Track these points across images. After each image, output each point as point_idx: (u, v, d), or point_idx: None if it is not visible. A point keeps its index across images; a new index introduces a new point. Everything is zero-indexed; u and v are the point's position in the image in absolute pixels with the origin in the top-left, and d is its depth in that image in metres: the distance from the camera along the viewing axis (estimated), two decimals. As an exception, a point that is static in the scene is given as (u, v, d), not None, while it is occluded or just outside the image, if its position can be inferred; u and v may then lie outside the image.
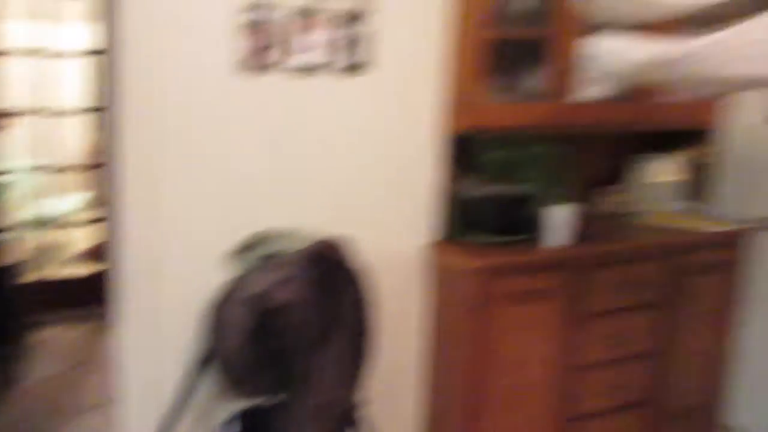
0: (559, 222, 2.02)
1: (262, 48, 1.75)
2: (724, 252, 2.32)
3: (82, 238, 3.77)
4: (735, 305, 2.40)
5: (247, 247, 1.69)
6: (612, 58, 1.31)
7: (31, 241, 3.54)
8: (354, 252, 1.68)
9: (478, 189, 2.02)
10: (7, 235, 3.00)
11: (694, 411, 2.40)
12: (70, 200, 3.74)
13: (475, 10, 1.95)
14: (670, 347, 2.28)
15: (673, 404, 2.34)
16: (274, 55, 1.78)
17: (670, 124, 2.39)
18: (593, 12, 1.63)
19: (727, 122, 2.44)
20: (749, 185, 2.42)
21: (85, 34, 3.48)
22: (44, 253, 3.64)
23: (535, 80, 2.16)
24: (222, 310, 1.55)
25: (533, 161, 2.02)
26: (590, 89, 2.04)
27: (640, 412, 2.27)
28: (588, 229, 2.13)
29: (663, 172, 2.48)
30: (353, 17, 1.85)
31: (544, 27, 2.09)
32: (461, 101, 1.99)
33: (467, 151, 2.07)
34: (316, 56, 1.83)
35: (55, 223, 3.68)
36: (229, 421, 1.71)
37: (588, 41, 1.40)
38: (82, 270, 3.66)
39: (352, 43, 1.87)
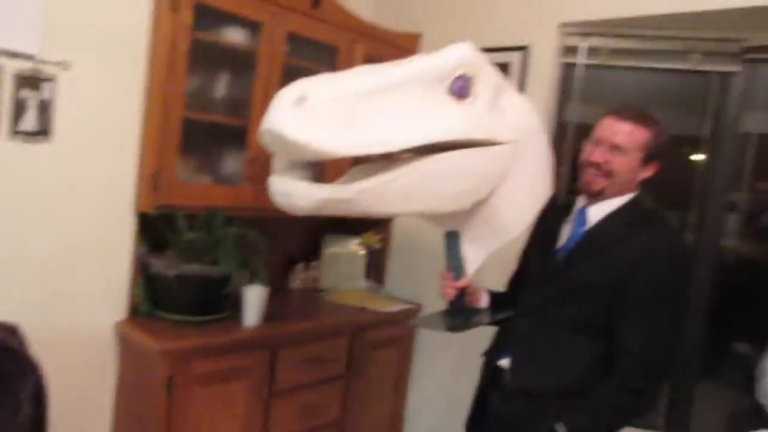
0: (253, 302, 2.09)
1: None
2: (396, 328, 2.65)
3: None
4: (407, 373, 2.75)
5: None
6: (293, 199, 1.35)
7: None
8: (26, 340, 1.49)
9: (174, 268, 1.99)
10: None
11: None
12: None
13: (176, 90, 1.98)
14: (358, 414, 2.49)
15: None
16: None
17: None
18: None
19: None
20: (413, 268, 2.84)
21: None
22: None
23: (234, 164, 2.25)
24: None
25: (228, 242, 2.07)
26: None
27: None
28: (281, 307, 2.24)
29: (348, 252, 2.77)
30: (30, 81, 1.73)
31: (244, 115, 2.21)
32: (157, 178, 1.97)
33: (164, 229, 2.04)
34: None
35: None
36: None
37: (273, 180, 1.42)
38: None
39: (36, 109, 1.74)
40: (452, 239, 1.70)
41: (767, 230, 3.45)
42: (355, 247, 2.79)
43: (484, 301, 1.79)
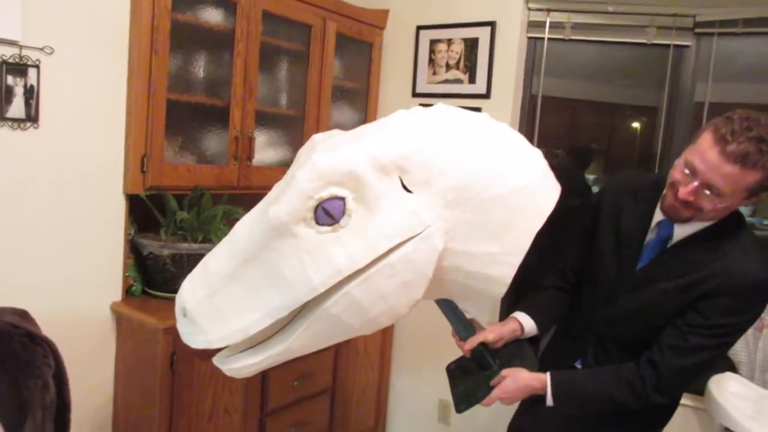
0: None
1: None
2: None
3: None
4: (389, 347, 2.89)
5: None
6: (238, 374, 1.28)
7: None
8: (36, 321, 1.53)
9: (168, 247, 2.03)
10: None
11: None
12: None
13: (160, 72, 2.00)
14: (346, 383, 2.62)
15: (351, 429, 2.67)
16: None
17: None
18: None
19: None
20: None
21: None
22: None
23: (218, 143, 2.29)
24: None
25: (218, 219, 2.12)
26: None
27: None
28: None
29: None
30: (16, 68, 1.73)
31: (224, 95, 2.24)
32: (146, 161, 2.00)
33: (156, 210, 2.08)
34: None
35: None
36: None
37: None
38: None
39: (23, 95, 1.74)
40: (445, 305, 1.52)
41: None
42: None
43: (518, 331, 1.57)
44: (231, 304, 1.17)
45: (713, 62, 2.46)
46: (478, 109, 2.63)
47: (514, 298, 2.29)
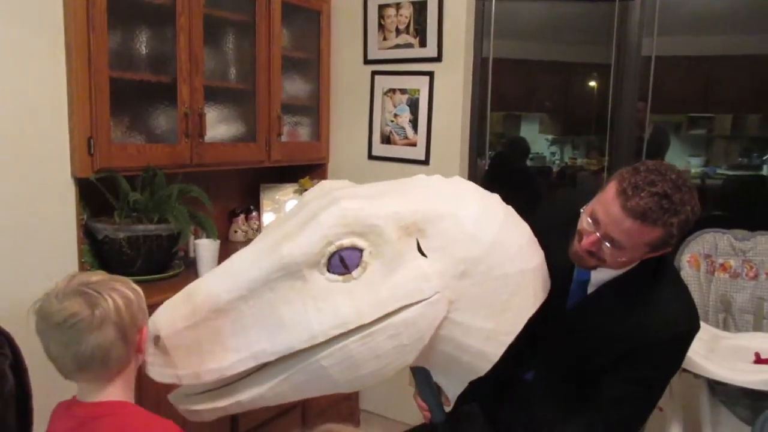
0: (206, 256, 2.14)
1: None
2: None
3: None
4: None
5: None
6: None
7: None
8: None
9: (123, 230, 1.99)
10: None
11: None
12: None
13: (100, 49, 1.93)
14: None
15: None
16: None
17: (291, 160, 2.74)
18: None
19: (336, 157, 2.93)
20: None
21: None
22: None
23: (167, 121, 2.23)
24: None
25: (173, 199, 2.08)
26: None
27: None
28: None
29: (286, 199, 2.83)
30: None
31: (170, 71, 2.18)
32: (92, 142, 1.94)
33: (108, 193, 2.03)
34: None
35: None
36: None
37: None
38: None
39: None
40: (421, 374, 1.41)
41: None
42: (292, 193, 2.85)
43: None
44: (212, 339, 1.11)
45: (657, 15, 2.49)
46: (431, 74, 2.64)
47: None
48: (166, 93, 2.20)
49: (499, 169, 3.45)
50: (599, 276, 1.34)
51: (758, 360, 1.82)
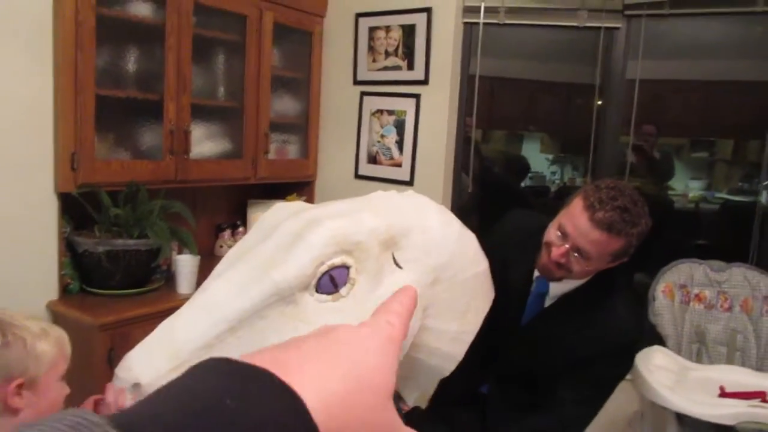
0: (185, 271, 2.17)
1: None
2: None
3: None
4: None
5: None
6: None
7: None
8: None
9: (103, 245, 2.03)
10: None
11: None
12: None
13: (87, 67, 1.98)
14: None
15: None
16: None
17: (278, 177, 2.78)
18: None
19: (323, 176, 2.96)
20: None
21: None
22: None
23: (152, 138, 2.28)
24: None
25: (154, 215, 2.12)
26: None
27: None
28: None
29: (274, 217, 2.87)
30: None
31: (158, 89, 2.23)
32: (76, 158, 1.99)
33: (91, 207, 2.07)
34: None
35: None
36: None
37: None
38: None
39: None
40: None
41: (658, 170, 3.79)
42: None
43: None
44: None
45: (643, 42, 2.51)
46: (418, 96, 2.67)
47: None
48: (152, 110, 2.25)
49: (491, 189, 3.47)
50: (558, 288, 1.41)
51: (723, 394, 1.82)
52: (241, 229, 2.83)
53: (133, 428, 0.26)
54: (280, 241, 1.20)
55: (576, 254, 1.29)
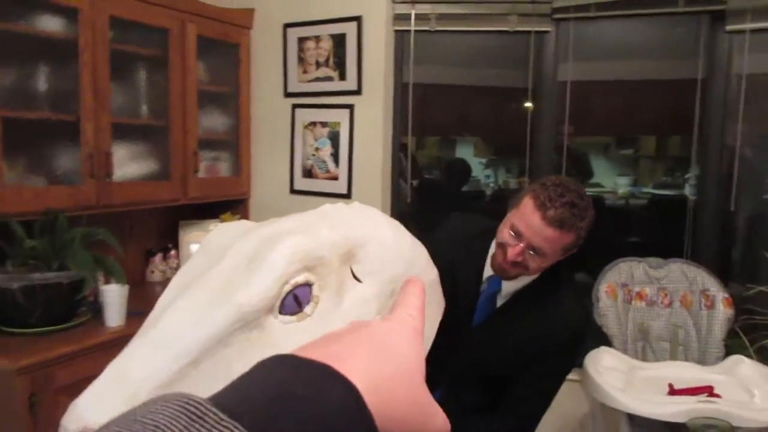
0: (113, 302, 2.02)
1: None
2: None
3: None
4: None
5: None
6: None
7: None
8: None
9: (18, 280, 1.86)
10: None
11: None
12: None
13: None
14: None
15: None
16: None
17: (210, 196, 2.65)
18: None
19: (258, 192, 2.85)
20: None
21: None
22: None
23: (70, 161, 2.12)
24: None
25: (76, 244, 1.96)
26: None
27: None
28: (144, 302, 2.17)
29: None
30: None
31: (73, 109, 2.08)
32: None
33: (2, 240, 1.90)
34: None
35: None
36: None
37: None
38: None
39: None
40: None
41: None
42: (212, 229, 2.75)
43: None
44: None
45: (572, 45, 2.55)
46: (351, 107, 2.62)
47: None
48: (68, 132, 2.09)
49: (430, 195, 3.45)
50: (510, 286, 1.44)
51: (672, 391, 1.84)
52: (173, 252, 2.69)
53: (230, 408, 0.30)
54: (235, 262, 1.11)
55: (531, 252, 1.33)
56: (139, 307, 2.15)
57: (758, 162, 2.55)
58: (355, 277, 1.14)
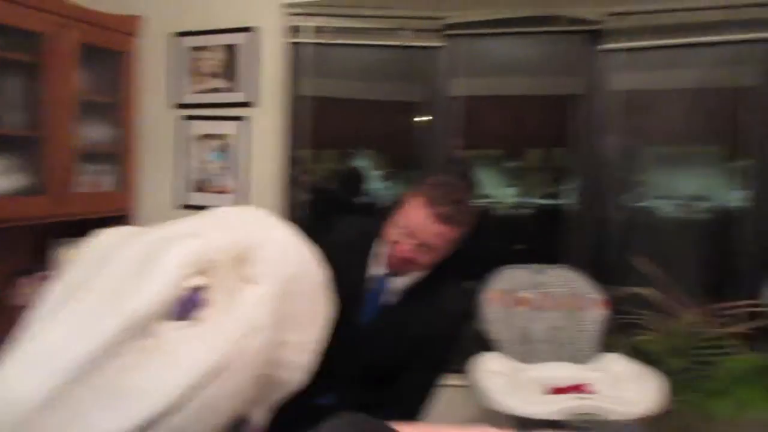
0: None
1: None
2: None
3: None
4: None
5: None
6: None
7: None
8: None
9: None
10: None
11: None
12: None
13: None
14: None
15: None
16: None
17: (90, 212, 2.49)
18: None
19: (141, 207, 2.73)
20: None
21: None
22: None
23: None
24: None
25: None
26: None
27: None
28: (7, 330, 2.02)
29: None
30: None
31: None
32: None
33: None
34: None
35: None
36: None
37: None
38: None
39: None
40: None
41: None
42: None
43: None
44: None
45: (464, 61, 2.66)
46: (245, 119, 2.57)
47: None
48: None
49: (327, 205, 3.45)
50: (400, 282, 1.48)
51: (552, 390, 1.95)
52: (43, 273, 2.50)
53: None
54: (124, 268, 1.04)
55: (422, 247, 1.39)
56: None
57: (629, 173, 2.77)
58: (247, 278, 1.10)
